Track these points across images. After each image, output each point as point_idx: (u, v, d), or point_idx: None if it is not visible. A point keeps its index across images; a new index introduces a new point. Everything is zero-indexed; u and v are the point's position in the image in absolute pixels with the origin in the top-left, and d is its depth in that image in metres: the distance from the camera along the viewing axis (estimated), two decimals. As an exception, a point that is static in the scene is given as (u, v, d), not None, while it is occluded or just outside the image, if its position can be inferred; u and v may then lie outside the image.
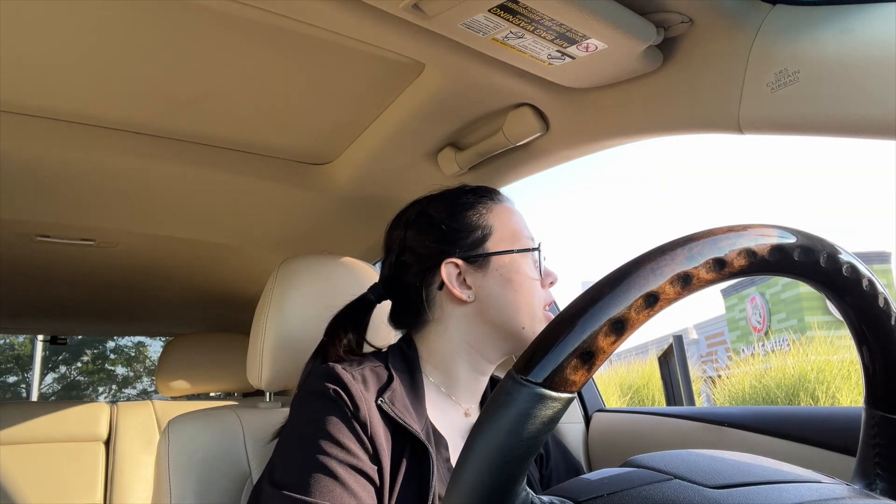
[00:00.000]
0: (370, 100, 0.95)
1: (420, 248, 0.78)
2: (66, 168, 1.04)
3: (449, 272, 0.75)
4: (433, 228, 0.78)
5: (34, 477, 1.56)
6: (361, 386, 0.68)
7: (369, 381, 0.69)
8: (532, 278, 0.77)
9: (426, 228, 0.79)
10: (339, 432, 0.64)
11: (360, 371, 0.70)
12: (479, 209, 0.79)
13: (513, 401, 0.33)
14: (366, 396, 0.67)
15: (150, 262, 1.63)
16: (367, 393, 0.68)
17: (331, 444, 0.63)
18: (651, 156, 63.75)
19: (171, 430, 0.87)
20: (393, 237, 0.83)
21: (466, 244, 0.76)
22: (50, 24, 0.73)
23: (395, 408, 0.68)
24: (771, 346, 12.81)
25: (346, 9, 0.68)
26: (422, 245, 0.78)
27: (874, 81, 0.57)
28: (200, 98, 0.91)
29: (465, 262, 0.76)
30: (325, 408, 0.66)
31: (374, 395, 0.68)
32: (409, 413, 0.69)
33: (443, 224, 0.78)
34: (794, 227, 0.39)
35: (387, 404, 0.68)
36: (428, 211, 0.80)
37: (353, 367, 0.70)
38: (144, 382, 11.69)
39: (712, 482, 0.39)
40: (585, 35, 0.68)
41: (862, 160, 46.41)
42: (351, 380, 0.67)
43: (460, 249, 0.76)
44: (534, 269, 0.78)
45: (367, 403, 0.66)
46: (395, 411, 0.68)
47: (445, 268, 0.75)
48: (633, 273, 0.35)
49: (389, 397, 0.69)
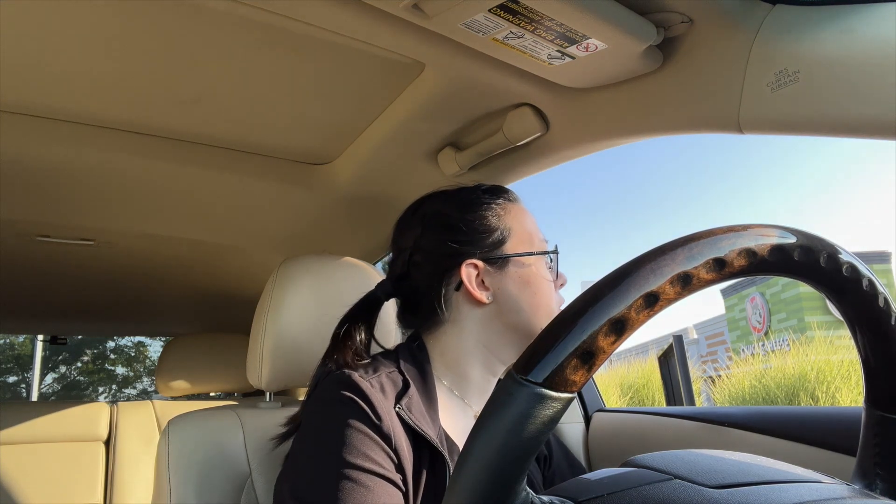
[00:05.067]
0: (370, 100, 0.95)
1: (437, 247, 0.77)
2: (66, 168, 1.04)
3: (469, 273, 0.75)
4: (452, 228, 0.77)
5: (34, 477, 1.56)
6: (381, 395, 0.66)
7: (387, 389, 0.68)
8: (548, 280, 0.78)
9: (444, 228, 0.78)
10: (362, 442, 0.62)
11: (376, 378, 0.68)
12: (496, 210, 0.78)
13: (513, 401, 0.33)
14: (386, 406, 0.66)
15: (150, 262, 1.62)
16: (387, 402, 0.66)
17: (355, 453, 0.61)
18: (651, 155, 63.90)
19: (171, 430, 0.87)
20: (406, 235, 0.81)
21: (486, 245, 0.76)
22: (50, 24, 0.73)
23: (413, 415, 0.67)
24: (771, 346, 12.82)
25: (346, 9, 0.68)
26: (439, 245, 0.77)
27: (874, 81, 0.57)
28: (200, 98, 0.91)
29: (485, 264, 0.75)
30: (345, 417, 0.64)
31: (393, 402, 0.67)
32: (425, 420, 0.68)
33: (462, 224, 0.77)
34: (794, 228, 0.39)
35: (405, 412, 0.66)
36: (446, 210, 0.79)
37: (369, 375, 0.69)
38: (144, 382, 11.70)
39: (712, 482, 0.39)
40: (585, 35, 0.68)
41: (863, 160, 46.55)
42: (370, 388, 0.66)
43: (480, 250, 0.76)
44: (548, 271, 0.78)
45: (388, 413, 0.65)
46: (413, 419, 0.67)
47: (465, 269, 0.75)
48: (633, 273, 0.35)
49: (407, 404, 0.67)
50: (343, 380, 0.67)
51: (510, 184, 1.12)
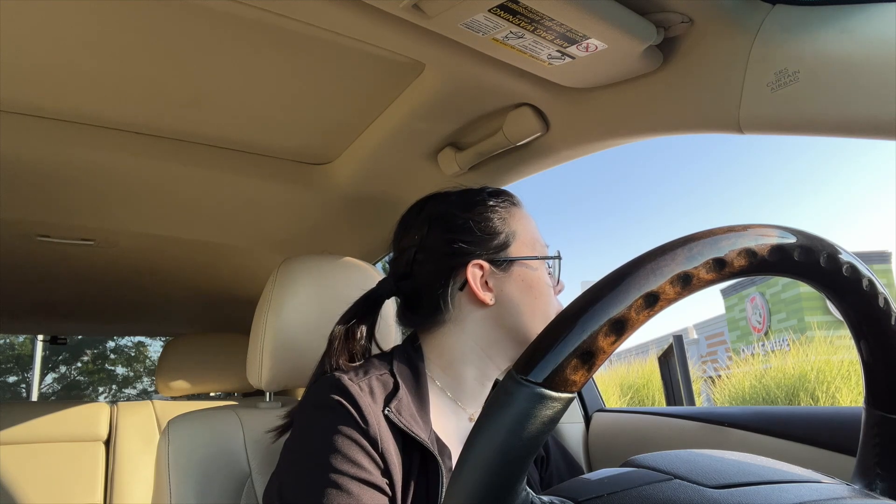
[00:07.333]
0: (370, 100, 0.95)
1: (443, 247, 0.77)
2: (66, 168, 1.04)
3: (474, 274, 0.75)
4: (458, 229, 0.77)
5: (34, 477, 1.56)
6: (369, 398, 0.67)
7: (376, 392, 0.69)
8: (549, 285, 0.79)
9: (451, 228, 0.78)
10: (349, 447, 0.63)
11: (366, 381, 0.69)
12: (501, 213, 0.79)
13: (513, 400, 0.33)
14: (374, 409, 0.66)
15: (150, 262, 1.63)
16: (375, 405, 0.67)
17: (341, 459, 0.62)
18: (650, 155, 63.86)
19: (171, 430, 0.88)
20: (409, 234, 0.81)
21: (491, 247, 0.76)
22: (50, 24, 0.73)
23: (403, 417, 0.67)
24: (771, 346, 12.81)
25: (345, 9, 0.68)
26: (445, 244, 0.77)
27: (874, 81, 0.57)
28: (200, 98, 0.91)
29: (490, 265, 0.76)
30: (333, 422, 0.65)
31: (382, 405, 0.68)
32: (415, 422, 0.69)
33: (468, 225, 0.77)
34: (795, 228, 0.39)
35: (394, 414, 0.67)
36: (452, 211, 0.79)
37: (360, 377, 0.69)
38: (144, 382, 11.70)
39: (712, 482, 0.39)
40: (585, 35, 0.68)
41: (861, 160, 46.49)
42: (359, 391, 0.66)
43: (486, 252, 0.76)
44: (548, 276, 0.79)
45: (376, 417, 0.66)
46: (403, 421, 0.67)
47: (471, 269, 0.75)
48: (633, 273, 0.35)
49: (396, 406, 0.68)
50: (332, 383, 0.68)
51: (510, 184, 1.12)
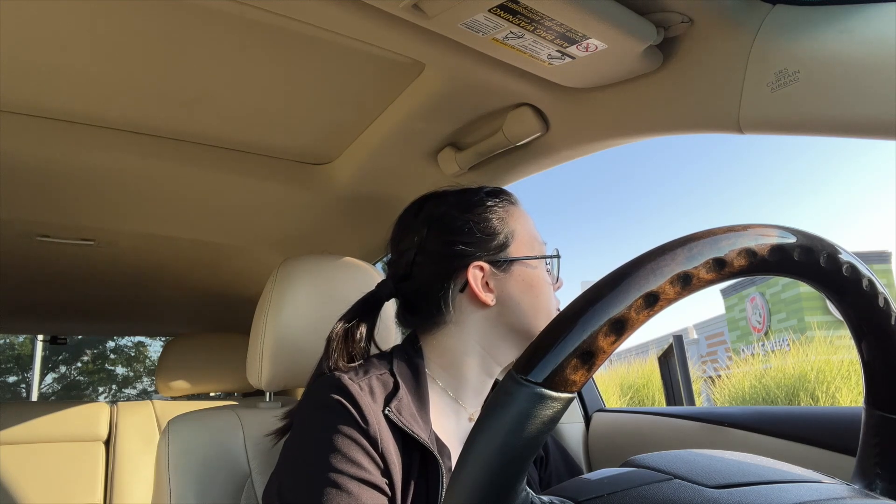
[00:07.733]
0: (370, 100, 0.95)
1: (442, 249, 0.77)
2: (66, 168, 1.04)
3: (475, 275, 0.75)
4: (458, 231, 0.77)
5: (34, 477, 1.56)
6: (369, 398, 0.67)
7: (376, 392, 0.69)
8: (548, 283, 0.79)
9: (450, 230, 0.78)
10: (349, 447, 0.63)
11: (366, 381, 0.69)
12: (499, 213, 0.79)
13: (513, 400, 0.33)
14: (374, 409, 0.66)
15: (150, 262, 1.63)
16: (375, 405, 0.67)
17: (341, 459, 0.62)
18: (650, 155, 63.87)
19: (171, 430, 0.88)
20: (408, 236, 0.81)
21: (491, 248, 0.76)
22: (50, 24, 0.73)
23: (403, 417, 0.67)
24: (771, 346, 12.81)
25: (345, 9, 0.68)
26: (445, 246, 0.77)
27: (874, 81, 0.57)
28: (200, 98, 0.91)
29: (491, 266, 0.76)
30: (333, 421, 0.65)
31: (382, 405, 0.68)
32: (415, 422, 0.69)
33: (468, 227, 0.77)
34: (794, 228, 0.39)
35: (394, 413, 0.67)
36: (451, 212, 0.79)
37: (360, 377, 0.69)
38: (144, 382, 11.69)
39: (712, 482, 0.39)
40: (585, 35, 0.68)
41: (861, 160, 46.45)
42: (359, 391, 0.67)
43: (486, 253, 0.76)
44: (548, 275, 0.79)
45: (376, 417, 0.66)
46: (403, 420, 0.67)
47: (472, 271, 0.75)
48: (633, 273, 0.35)
49: (396, 406, 0.68)
50: (332, 383, 0.68)
51: (510, 184, 1.12)
